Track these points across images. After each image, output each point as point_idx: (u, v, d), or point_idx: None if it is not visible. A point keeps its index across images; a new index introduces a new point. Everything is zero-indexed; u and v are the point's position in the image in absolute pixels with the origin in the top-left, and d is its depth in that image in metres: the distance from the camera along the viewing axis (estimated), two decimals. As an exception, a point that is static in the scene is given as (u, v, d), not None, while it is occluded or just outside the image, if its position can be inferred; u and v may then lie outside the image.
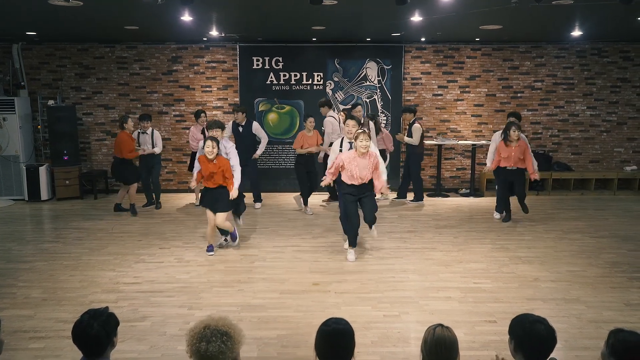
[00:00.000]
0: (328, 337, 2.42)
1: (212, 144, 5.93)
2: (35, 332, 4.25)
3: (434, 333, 2.38)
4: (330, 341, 2.42)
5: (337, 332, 2.43)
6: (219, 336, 2.22)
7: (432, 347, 2.35)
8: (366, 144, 5.73)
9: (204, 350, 2.19)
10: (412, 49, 9.89)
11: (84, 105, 9.90)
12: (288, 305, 4.81)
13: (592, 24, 7.58)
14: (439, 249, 6.48)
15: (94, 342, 2.37)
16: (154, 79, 9.86)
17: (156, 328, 4.34)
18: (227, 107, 9.92)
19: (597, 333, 4.19)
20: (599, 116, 10.16)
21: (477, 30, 8.17)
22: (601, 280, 5.40)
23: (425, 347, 2.39)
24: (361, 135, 5.75)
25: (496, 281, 5.39)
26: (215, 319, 2.32)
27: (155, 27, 7.90)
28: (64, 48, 9.71)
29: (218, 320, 2.31)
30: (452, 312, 4.64)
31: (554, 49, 9.92)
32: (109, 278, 5.49)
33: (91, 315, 2.42)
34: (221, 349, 2.20)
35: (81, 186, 9.44)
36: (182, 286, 5.25)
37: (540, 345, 2.34)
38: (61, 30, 8.27)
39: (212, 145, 5.93)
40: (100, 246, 6.58)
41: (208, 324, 2.27)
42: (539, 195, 9.68)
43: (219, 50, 9.82)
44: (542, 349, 2.35)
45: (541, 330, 2.34)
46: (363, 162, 5.80)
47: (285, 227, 7.54)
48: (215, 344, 2.19)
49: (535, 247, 6.55)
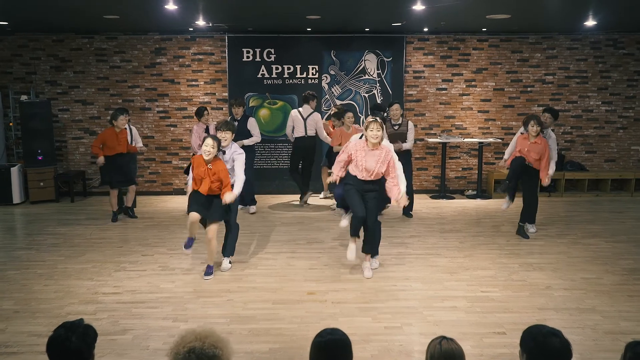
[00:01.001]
0: (323, 349, 2.41)
1: (213, 143, 5.50)
2: (6, 347, 4.21)
3: (441, 347, 2.36)
4: (325, 353, 2.40)
5: (333, 344, 2.41)
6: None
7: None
8: (377, 134, 5.47)
9: None
10: (414, 39, 9.90)
11: (60, 100, 9.85)
12: (281, 316, 4.79)
13: (607, 13, 7.61)
14: (443, 255, 6.47)
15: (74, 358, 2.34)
16: (135, 73, 9.83)
17: (138, 342, 4.31)
18: (215, 103, 9.91)
19: (614, 345, 4.19)
20: (615, 112, 10.20)
21: (484, 20, 8.19)
22: (618, 289, 5.41)
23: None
24: (372, 125, 5.48)
25: (505, 289, 5.39)
26: (202, 336, 2.19)
27: (138, 16, 7.89)
28: (38, 39, 9.66)
29: (205, 337, 2.18)
30: (458, 323, 4.64)
31: (566, 39, 9.95)
32: (87, 288, 5.45)
33: (67, 329, 2.39)
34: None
35: (57, 188, 9.39)
36: (166, 296, 5.22)
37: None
38: (35, 20, 8.23)
39: (212, 145, 5.48)
40: (77, 253, 6.54)
41: (193, 346, 2.14)
42: (551, 197, 9.70)
43: (206, 42, 9.80)
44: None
45: (556, 344, 2.33)
46: (372, 155, 5.55)
47: (278, 231, 7.53)
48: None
49: (548, 252, 6.55)
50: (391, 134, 7.85)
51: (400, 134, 7.94)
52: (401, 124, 8.01)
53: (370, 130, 5.49)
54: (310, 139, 8.69)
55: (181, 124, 9.97)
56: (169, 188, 10.09)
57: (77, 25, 9.02)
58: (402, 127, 7.99)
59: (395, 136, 7.88)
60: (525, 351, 2.39)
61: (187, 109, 9.92)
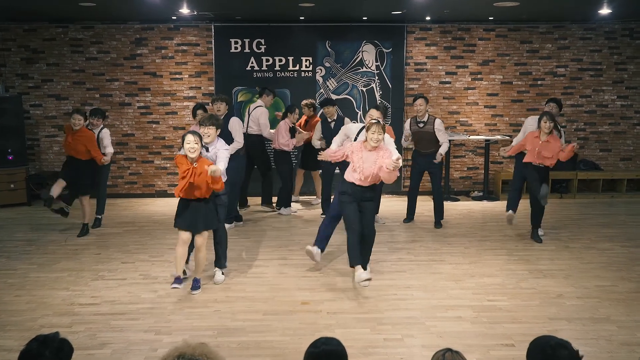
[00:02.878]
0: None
1: (195, 138, 5.30)
2: (-26, 363, 4.21)
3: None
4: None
5: (328, 355, 2.45)
6: None
7: None
8: (379, 137, 5.53)
9: None
10: (415, 29, 9.94)
11: (32, 95, 9.83)
12: (273, 328, 4.80)
13: (623, 0, 7.66)
14: (447, 262, 6.51)
15: (45, 375, 2.35)
16: (114, 65, 9.82)
17: (118, 356, 4.32)
18: (200, 98, 9.91)
19: (631, 357, 4.23)
20: (632, 107, 10.27)
21: (491, 8, 8.23)
22: (635, 297, 5.45)
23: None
24: (374, 127, 5.53)
25: (514, 298, 5.42)
26: (192, 346, 2.24)
27: (116, 3, 7.88)
28: (8, 28, 9.64)
29: (195, 347, 2.24)
30: (464, 334, 4.67)
31: (579, 29, 10.02)
32: (62, 298, 5.45)
33: (40, 342, 2.40)
34: None
35: (29, 190, 9.36)
36: (148, 307, 5.22)
37: (564, 374, 2.36)
38: (4, 7, 8.20)
39: (194, 141, 5.29)
40: (51, 261, 6.53)
41: (183, 352, 2.20)
42: (563, 198, 9.76)
43: (191, 31, 9.81)
44: (567, 377, 2.36)
45: (564, 356, 2.35)
46: (370, 157, 5.58)
47: (269, 236, 7.54)
48: None
49: (559, 258, 6.59)
50: (415, 132, 7.84)
51: (426, 132, 7.78)
52: (427, 121, 7.80)
53: (372, 132, 5.54)
54: (252, 137, 8.54)
55: (164, 121, 9.97)
56: (151, 190, 10.08)
57: (51, 14, 9.00)
58: (428, 125, 7.78)
59: (421, 135, 7.80)
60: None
61: (170, 104, 9.92)
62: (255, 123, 8.57)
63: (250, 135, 8.55)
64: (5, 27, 9.63)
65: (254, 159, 8.77)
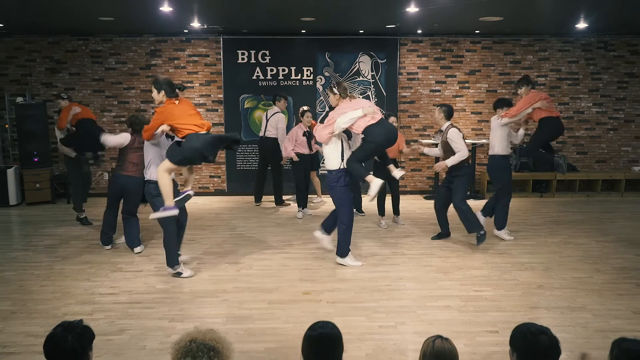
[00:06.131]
0: (315, 342, 2.49)
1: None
2: (3, 348, 4.22)
3: (434, 346, 2.39)
4: (317, 346, 2.48)
5: (324, 337, 2.49)
6: (205, 351, 2.21)
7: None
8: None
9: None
10: (408, 41, 9.94)
11: (55, 102, 9.79)
12: (277, 316, 4.81)
13: (598, 16, 7.68)
14: (437, 255, 6.51)
15: (68, 357, 2.37)
16: (131, 74, 9.83)
17: (135, 342, 4.32)
18: (210, 104, 9.92)
19: (604, 343, 4.23)
20: (606, 113, 10.28)
21: (477, 22, 8.25)
22: (608, 287, 5.46)
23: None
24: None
25: (498, 289, 5.43)
26: (203, 332, 2.31)
27: (133, 18, 7.89)
28: (34, 41, 9.65)
29: (205, 333, 2.30)
30: (452, 321, 4.68)
31: (557, 42, 10.02)
32: (84, 288, 5.46)
33: (65, 328, 2.42)
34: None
35: (53, 190, 9.37)
36: (162, 297, 5.23)
37: (543, 358, 2.36)
38: (31, 22, 8.22)
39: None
40: (74, 254, 6.54)
41: (194, 337, 2.27)
42: (543, 197, 9.76)
43: (201, 43, 9.81)
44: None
45: (544, 342, 2.36)
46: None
47: (273, 232, 7.55)
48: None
49: (539, 252, 6.60)
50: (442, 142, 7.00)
51: (443, 142, 6.90)
52: (444, 130, 6.88)
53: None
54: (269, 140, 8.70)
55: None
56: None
57: (73, 27, 9.01)
58: (444, 134, 6.87)
59: (442, 145, 6.99)
60: (515, 350, 2.42)
61: (183, 111, 9.91)
62: (273, 127, 8.66)
63: (268, 138, 8.64)
64: (31, 40, 9.64)
65: (268, 160, 8.79)
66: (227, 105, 9.91)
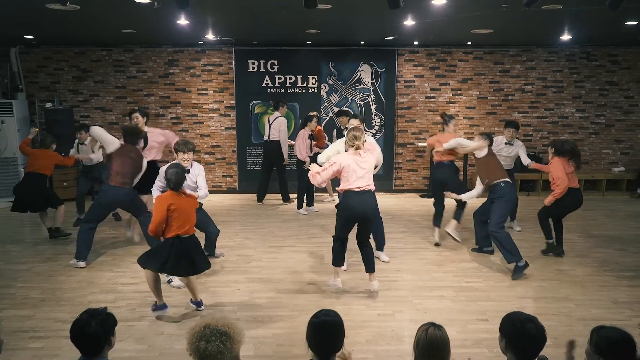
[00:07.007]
0: (318, 328, 2.51)
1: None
2: (34, 332, 4.24)
3: (427, 334, 2.40)
4: (320, 332, 2.50)
5: (327, 324, 2.52)
6: (218, 336, 2.24)
7: (424, 349, 2.40)
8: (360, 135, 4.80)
9: (202, 349, 2.22)
10: (405, 52, 9.92)
11: (81, 108, 9.87)
12: (284, 304, 4.82)
13: (581, 29, 7.65)
14: (431, 249, 6.51)
15: (91, 341, 2.38)
16: (150, 82, 9.85)
17: (154, 327, 4.34)
18: (222, 110, 9.93)
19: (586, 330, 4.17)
20: (588, 119, 10.23)
21: (469, 34, 8.22)
22: (590, 279, 5.45)
23: (417, 347, 2.43)
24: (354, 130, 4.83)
25: (488, 280, 5.42)
26: (216, 319, 2.35)
27: (152, 30, 7.90)
28: (62, 51, 9.68)
29: (218, 320, 2.34)
30: (445, 310, 4.67)
31: (543, 52, 9.98)
32: (107, 278, 5.48)
33: (89, 315, 2.43)
34: (220, 348, 2.22)
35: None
36: (179, 286, 5.24)
37: (530, 344, 2.37)
38: (59, 34, 8.25)
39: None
40: (99, 247, 6.56)
41: (208, 323, 2.30)
42: (530, 195, 9.73)
43: (215, 54, 9.82)
44: (533, 347, 2.38)
45: (532, 329, 2.37)
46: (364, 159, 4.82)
47: (281, 227, 7.55)
48: (214, 344, 2.22)
49: (526, 247, 6.56)
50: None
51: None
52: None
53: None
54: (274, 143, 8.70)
55: (192, 129, 9.99)
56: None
57: (97, 39, 9.03)
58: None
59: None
60: (505, 336, 2.43)
61: (197, 116, 9.95)
62: (276, 130, 8.63)
63: (272, 142, 8.65)
64: (60, 51, 9.67)
65: (273, 161, 8.80)
66: (239, 111, 9.91)
